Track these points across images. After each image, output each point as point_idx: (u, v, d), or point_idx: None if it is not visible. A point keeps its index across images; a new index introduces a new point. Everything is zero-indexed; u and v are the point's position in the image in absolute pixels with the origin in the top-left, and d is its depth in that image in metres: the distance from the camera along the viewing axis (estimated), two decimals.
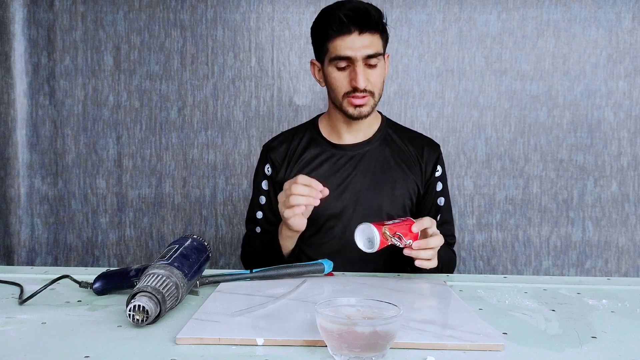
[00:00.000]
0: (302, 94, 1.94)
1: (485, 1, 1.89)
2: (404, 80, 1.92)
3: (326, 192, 1.08)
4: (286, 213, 1.09)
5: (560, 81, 1.91)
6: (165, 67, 1.93)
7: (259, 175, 1.37)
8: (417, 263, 1.05)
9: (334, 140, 1.34)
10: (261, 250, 1.29)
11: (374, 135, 1.34)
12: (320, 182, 1.23)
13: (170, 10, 1.92)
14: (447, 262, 1.26)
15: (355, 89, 1.22)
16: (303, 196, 1.06)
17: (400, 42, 1.91)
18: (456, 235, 1.95)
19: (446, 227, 1.36)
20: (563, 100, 1.91)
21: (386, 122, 1.38)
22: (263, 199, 1.35)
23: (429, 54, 1.92)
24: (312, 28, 1.29)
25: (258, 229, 1.36)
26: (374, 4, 1.30)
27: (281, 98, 1.94)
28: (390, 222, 1.03)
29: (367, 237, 1.00)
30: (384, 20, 1.26)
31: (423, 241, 1.04)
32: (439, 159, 1.36)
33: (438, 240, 1.05)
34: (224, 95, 1.94)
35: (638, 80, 1.90)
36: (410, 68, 1.92)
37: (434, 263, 1.06)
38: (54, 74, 1.94)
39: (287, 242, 1.20)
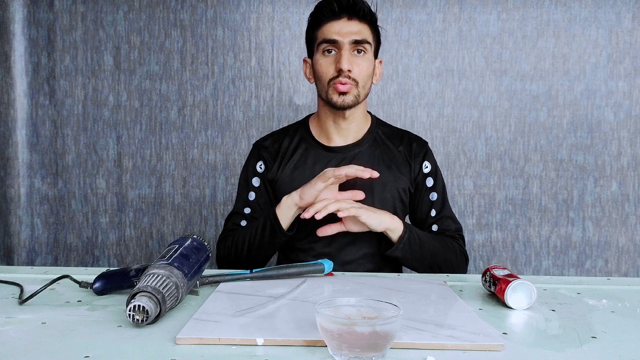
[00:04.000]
0: (302, 94, 1.94)
1: (485, 1, 1.89)
2: (404, 80, 1.92)
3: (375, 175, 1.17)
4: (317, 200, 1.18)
5: (560, 81, 1.91)
6: (165, 67, 1.93)
7: (249, 172, 1.36)
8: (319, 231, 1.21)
9: (324, 141, 1.34)
10: (254, 234, 1.25)
11: (363, 137, 1.34)
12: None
13: (170, 10, 1.92)
14: (435, 253, 1.25)
15: (339, 73, 1.22)
16: (344, 205, 1.16)
17: (400, 42, 1.91)
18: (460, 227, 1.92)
19: (444, 221, 1.35)
20: (563, 100, 1.91)
21: (376, 123, 1.38)
22: (253, 195, 1.34)
23: (429, 54, 1.92)
24: (307, 23, 1.32)
25: (244, 222, 1.34)
26: (374, 2, 1.31)
27: (281, 98, 1.94)
28: (502, 272, 0.97)
29: (522, 294, 0.90)
30: (376, 20, 1.28)
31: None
32: (426, 155, 1.36)
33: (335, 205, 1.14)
34: (224, 95, 1.94)
35: (638, 80, 1.90)
36: (410, 68, 1.92)
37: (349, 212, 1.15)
38: (54, 74, 1.94)
39: (288, 217, 1.22)
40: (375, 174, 1.15)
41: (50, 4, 1.92)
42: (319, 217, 1.13)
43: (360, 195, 1.21)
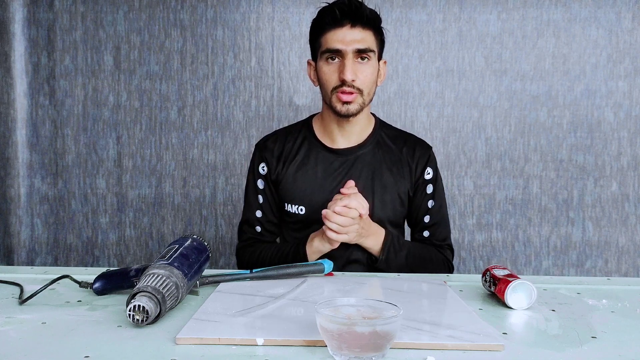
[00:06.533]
0: (302, 94, 1.94)
1: (485, 1, 1.89)
2: (404, 80, 1.92)
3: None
4: (333, 235, 1.14)
5: (560, 81, 1.91)
6: (165, 67, 1.93)
7: (254, 174, 1.36)
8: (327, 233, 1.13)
9: (327, 142, 1.33)
10: (277, 259, 1.27)
11: (367, 138, 1.34)
12: (314, 185, 1.29)
13: (170, 10, 1.92)
14: (418, 261, 1.26)
15: (343, 83, 1.22)
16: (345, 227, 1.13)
17: (400, 42, 1.91)
18: (456, 236, 1.93)
19: (436, 229, 1.35)
20: (563, 100, 1.91)
21: (379, 125, 1.38)
22: (261, 198, 1.35)
23: (429, 54, 1.92)
24: (310, 27, 1.31)
25: (259, 229, 1.36)
26: (373, 3, 1.30)
27: (281, 98, 1.94)
28: (503, 272, 0.97)
29: (522, 294, 0.90)
30: (380, 22, 1.27)
31: (325, 210, 1.12)
32: (429, 161, 1.35)
33: (342, 219, 1.11)
34: (224, 95, 1.94)
35: (638, 80, 1.90)
36: (410, 68, 1.92)
37: (343, 237, 1.13)
38: (54, 74, 1.94)
39: (314, 256, 1.22)
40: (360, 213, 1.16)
41: (50, 4, 1.92)
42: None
43: (350, 183, 1.21)
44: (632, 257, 1.94)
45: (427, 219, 1.34)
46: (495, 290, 0.93)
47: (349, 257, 1.28)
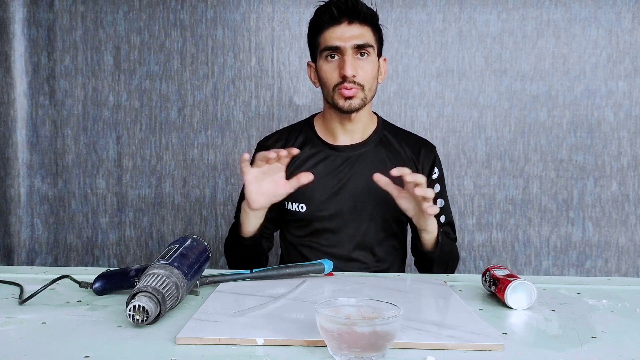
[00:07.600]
0: (302, 94, 1.94)
1: (485, 1, 1.89)
2: (404, 80, 1.92)
3: (295, 151, 1.10)
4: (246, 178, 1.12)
5: (560, 81, 1.91)
6: (165, 67, 1.93)
7: None
8: (429, 210, 1.08)
9: (329, 140, 1.34)
10: (233, 235, 1.28)
11: (369, 136, 1.34)
12: (315, 182, 1.25)
13: (170, 10, 1.92)
14: (449, 253, 1.28)
15: (344, 79, 1.22)
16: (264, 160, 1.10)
17: (400, 42, 1.91)
18: (456, 235, 1.93)
19: (448, 227, 1.37)
20: (563, 100, 1.91)
21: (382, 124, 1.38)
22: None
23: (429, 54, 1.92)
24: (308, 27, 1.31)
25: None
26: (374, 2, 1.31)
27: (281, 98, 1.94)
28: (503, 272, 0.97)
29: (522, 294, 0.90)
30: (377, 19, 1.28)
31: (422, 189, 1.07)
32: (435, 161, 1.36)
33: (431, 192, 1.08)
34: (224, 95, 1.94)
35: (638, 80, 1.90)
36: (410, 68, 1.92)
37: (436, 209, 1.09)
38: (54, 74, 1.94)
39: (246, 221, 1.19)
40: (295, 151, 1.11)
41: (50, 4, 1.92)
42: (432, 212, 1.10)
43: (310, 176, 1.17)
44: (632, 257, 1.94)
45: (442, 218, 1.34)
46: (495, 290, 0.93)
47: (349, 257, 1.28)
